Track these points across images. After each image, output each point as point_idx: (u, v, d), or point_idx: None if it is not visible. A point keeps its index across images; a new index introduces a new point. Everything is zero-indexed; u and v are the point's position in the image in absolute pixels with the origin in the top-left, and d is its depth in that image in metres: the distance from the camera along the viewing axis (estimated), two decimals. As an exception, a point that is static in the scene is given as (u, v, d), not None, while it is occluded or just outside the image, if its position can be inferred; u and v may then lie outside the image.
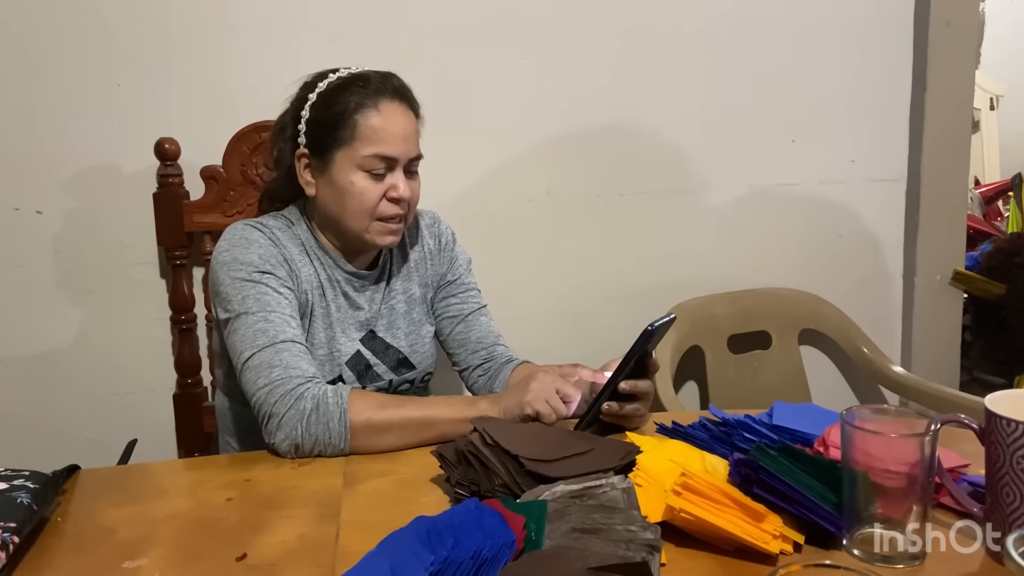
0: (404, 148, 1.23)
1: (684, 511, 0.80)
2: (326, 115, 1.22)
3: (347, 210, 1.23)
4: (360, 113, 1.21)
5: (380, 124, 1.21)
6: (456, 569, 0.73)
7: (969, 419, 0.82)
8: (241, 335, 1.16)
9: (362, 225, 1.24)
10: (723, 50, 1.90)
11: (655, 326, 1.08)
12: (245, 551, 0.84)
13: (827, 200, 1.99)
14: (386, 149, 1.21)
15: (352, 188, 1.22)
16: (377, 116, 1.21)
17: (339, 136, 1.21)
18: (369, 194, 1.22)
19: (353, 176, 1.22)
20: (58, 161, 1.65)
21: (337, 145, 1.22)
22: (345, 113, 1.21)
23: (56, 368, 1.71)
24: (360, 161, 1.21)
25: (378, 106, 1.21)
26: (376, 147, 1.21)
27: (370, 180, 1.22)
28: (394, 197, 1.23)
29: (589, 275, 1.92)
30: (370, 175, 1.22)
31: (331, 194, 1.24)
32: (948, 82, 1.97)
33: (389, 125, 1.21)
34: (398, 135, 1.22)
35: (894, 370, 1.91)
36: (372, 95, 1.21)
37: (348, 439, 1.08)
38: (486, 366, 1.40)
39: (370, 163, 1.21)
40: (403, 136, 1.23)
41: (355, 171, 1.22)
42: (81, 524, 0.93)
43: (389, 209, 1.24)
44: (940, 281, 2.05)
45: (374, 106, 1.21)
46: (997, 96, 3.88)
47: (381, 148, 1.21)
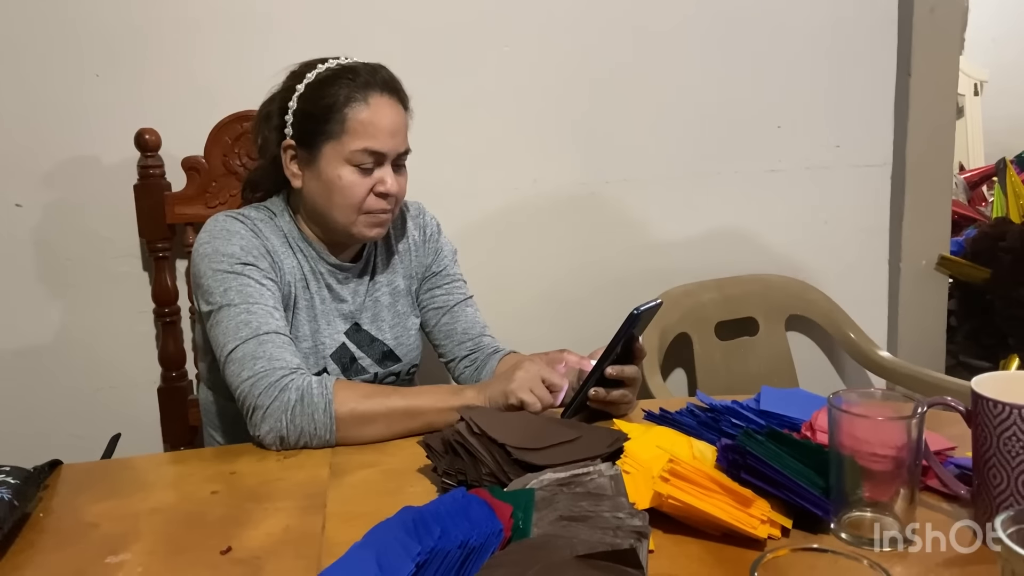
0: (393, 143, 1.22)
1: (672, 497, 0.80)
2: (315, 107, 1.20)
3: (334, 204, 1.22)
4: (350, 107, 1.19)
5: (370, 118, 1.20)
6: (443, 559, 0.72)
7: (956, 401, 0.82)
8: (224, 327, 1.14)
9: (349, 219, 1.23)
10: (707, 37, 1.89)
11: (641, 310, 1.08)
12: (230, 544, 0.84)
13: (813, 186, 1.99)
14: (375, 144, 1.20)
15: (340, 182, 1.21)
16: (367, 110, 1.20)
17: (328, 129, 1.20)
18: (357, 188, 1.21)
19: (341, 170, 1.20)
20: (36, 153, 1.63)
21: (325, 138, 1.20)
22: (334, 107, 1.19)
23: (37, 363, 1.69)
24: (348, 155, 1.20)
25: (368, 100, 1.20)
26: (365, 142, 1.20)
27: (358, 174, 1.21)
28: (382, 192, 1.22)
29: (575, 264, 1.91)
30: (358, 169, 1.21)
31: (318, 187, 1.23)
32: (933, 67, 1.97)
33: (379, 119, 1.20)
34: (387, 130, 1.21)
35: (880, 355, 1.92)
36: (362, 88, 1.20)
37: (334, 430, 1.07)
38: (472, 357, 1.39)
39: (359, 157, 1.20)
40: (392, 131, 1.22)
41: (343, 165, 1.20)
42: (63, 519, 0.92)
43: (376, 203, 1.23)
44: (925, 266, 2.06)
45: (364, 100, 1.20)
46: (981, 82, 3.89)
47: (370, 143, 1.20)
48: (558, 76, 1.83)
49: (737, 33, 1.90)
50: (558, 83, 1.83)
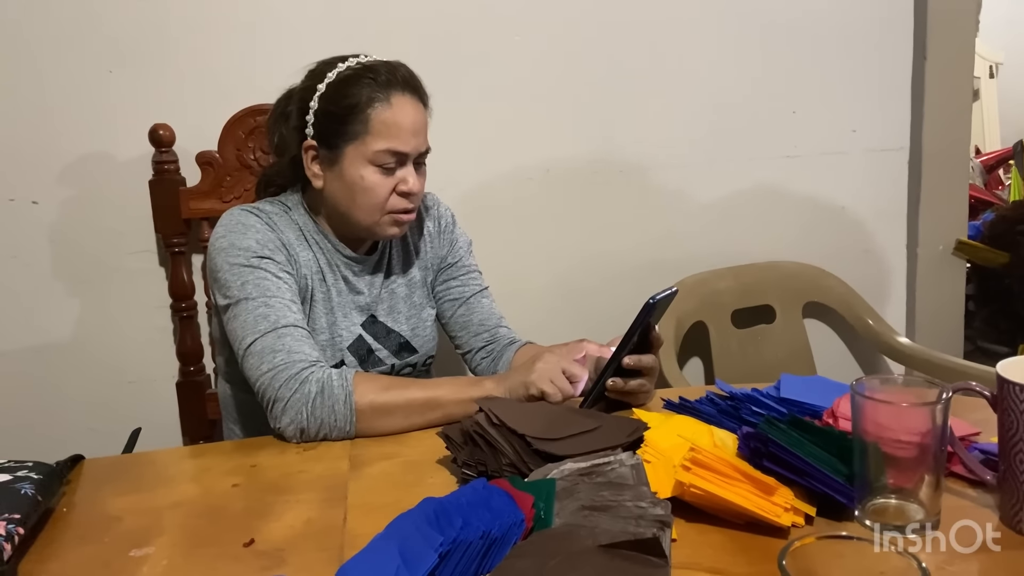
0: (415, 143, 1.22)
1: (694, 486, 0.80)
2: (336, 108, 1.20)
3: (357, 204, 1.22)
4: (372, 107, 1.19)
5: (392, 119, 1.19)
6: (465, 549, 0.73)
7: (981, 387, 0.81)
8: (242, 321, 1.15)
9: (372, 219, 1.23)
10: (722, 23, 1.87)
11: (656, 299, 1.07)
12: (252, 537, 0.84)
13: (829, 171, 1.97)
14: (398, 145, 1.20)
15: (363, 183, 1.20)
16: (389, 111, 1.19)
17: (350, 130, 1.20)
18: (380, 189, 1.21)
19: (364, 170, 1.20)
20: (52, 150, 1.64)
21: (348, 139, 1.20)
22: (357, 107, 1.19)
23: (57, 360, 1.70)
24: (372, 156, 1.20)
25: (390, 100, 1.19)
26: (388, 142, 1.19)
27: (380, 174, 1.21)
28: (404, 191, 1.22)
29: (590, 253, 1.91)
30: (381, 169, 1.21)
31: (341, 188, 1.23)
32: (949, 50, 1.95)
33: (401, 120, 1.20)
34: (410, 130, 1.21)
35: (899, 341, 1.90)
36: (383, 88, 1.19)
37: (353, 421, 1.08)
38: (489, 348, 1.39)
39: (381, 158, 1.20)
40: (414, 131, 1.21)
41: (366, 165, 1.20)
42: (86, 514, 0.92)
43: (399, 203, 1.23)
44: (943, 251, 2.04)
45: (386, 100, 1.19)
46: (996, 64, 3.85)
47: (393, 144, 1.20)
48: (570, 65, 1.82)
49: (751, 18, 1.88)
50: (570, 72, 1.82)
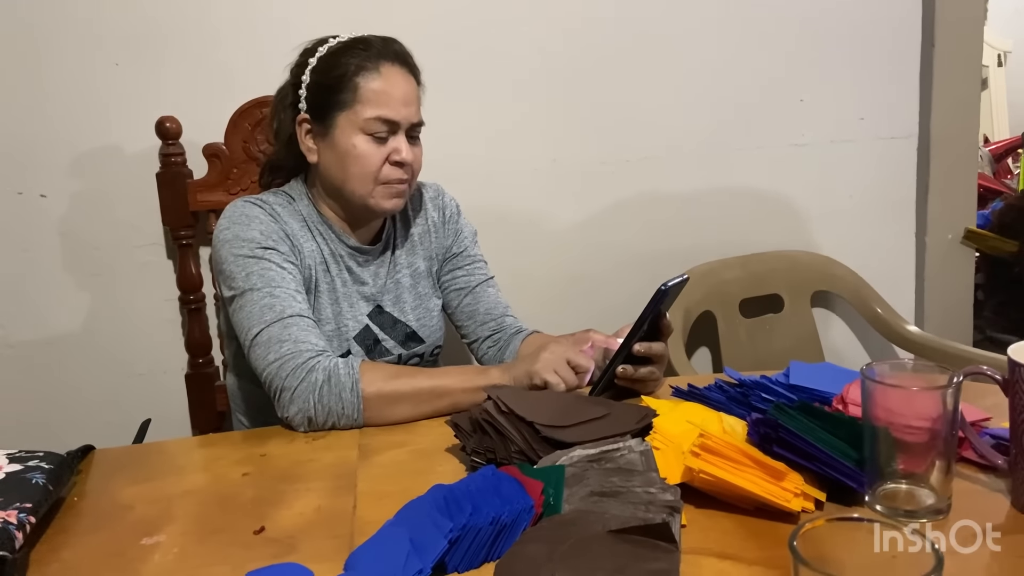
0: (406, 112, 1.22)
1: (703, 472, 0.79)
2: (327, 78, 1.21)
3: (350, 174, 1.22)
4: (361, 76, 1.19)
5: (381, 87, 1.20)
6: (475, 535, 0.73)
7: (992, 371, 0.80)
8: (248, 312, 1.15)
9: (365, 189, 1.23)
10: (729, 11, 1.86)
11: (668, 286, 1.07)
12: (263, 524, 0.84)
13: (837, 159, 1.97)
14: (388, 112, 1.20)
15: (354, 151, 1.21)
16: (378, 79, 1.20)
17: (340, 99, 1.20)
18: (372, 157, 1.21)
19: (355, 139, 1.21)
20: (60, 143, 1.64)
21: (338, 108, 1.20)
22: (346, 76, 1.20)
23: (66, 352, 1.71)
24: (362, 124, 1.20)
25: (379, 69, 1.20)
26: (378, 109, 1.20)
27: (372, 143, 1.21)
28: (397, 160, 1.22)
29: (597, 243, 1.90)
30: (372, 138, 1.21)
31: (333, 158, 1.23)
32: (957, 38, 1.94)
33: (391, 88, 1.20)
34: (400, 99, 1.21)
35: (909, 329, 1.90)
36: (373, 58, 1.20)
37: (361, 410, 1.08)
38: (495, 337, 1.39)
39: (372, 126, 1.20)
40: (404, 100, 1.22)
41: (357, 134, 1.20)
42: (98, 503, 0.92)
43: (393, 173, 1.23)
44: (952, 240, 2.03)
45: (375, 69, 1.20)
46: (1005, 52, 3.83)
47: (383, 111, 1.20)
48: (576, 54, 1.81)
49: (760, 6, 1.87)
50: (576, 61, 1.81)
